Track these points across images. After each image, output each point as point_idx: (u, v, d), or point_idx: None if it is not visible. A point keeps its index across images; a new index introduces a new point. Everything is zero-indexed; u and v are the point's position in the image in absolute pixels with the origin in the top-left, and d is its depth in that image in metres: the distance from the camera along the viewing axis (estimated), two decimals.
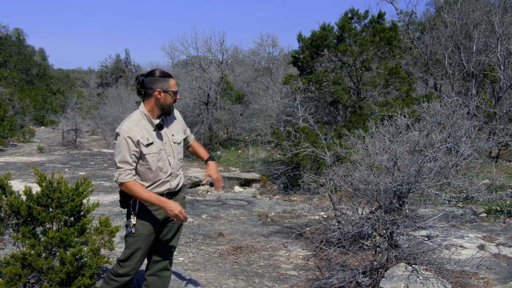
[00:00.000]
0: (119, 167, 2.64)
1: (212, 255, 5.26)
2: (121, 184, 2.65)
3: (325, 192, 5.50)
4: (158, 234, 2.84)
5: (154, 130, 2.71)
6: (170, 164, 2.76)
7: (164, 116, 2.77)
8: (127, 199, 2.75)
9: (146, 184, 2.71)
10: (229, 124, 17.37)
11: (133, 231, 2.71)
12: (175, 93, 2.73)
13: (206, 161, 3.05)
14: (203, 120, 16.54)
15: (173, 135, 2.81)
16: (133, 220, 2.71)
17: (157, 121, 2.72)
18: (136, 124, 2.67)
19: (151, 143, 2.67)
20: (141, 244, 2.73)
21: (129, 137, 2.61)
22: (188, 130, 3.09)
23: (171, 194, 2.82)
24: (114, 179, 2.71)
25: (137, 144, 2.63)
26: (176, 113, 2.93)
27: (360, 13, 10.78)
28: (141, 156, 2.66)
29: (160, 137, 2.73)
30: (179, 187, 2.87)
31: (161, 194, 2.75)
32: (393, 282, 3.54)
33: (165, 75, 2.72)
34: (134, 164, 2.65)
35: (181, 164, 2.88)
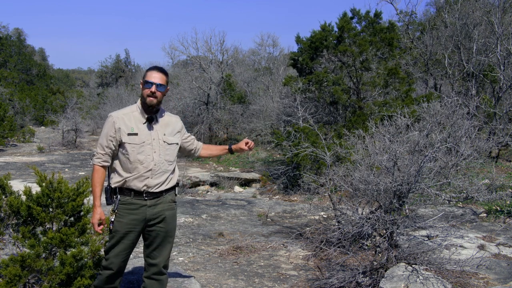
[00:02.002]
0: (97, 149, 2.78)
1: (212, 255, 5.26)
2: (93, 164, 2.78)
3: (325, 192, 5.50)
4: (138, 235, 2.82)
5: (144, 123, 2.75)
6: (153, 160, 2.73)
7: (155, 114, 2.79)
8: (111, 197, 2.78)
9: (126, 175, 2.72)
10: (229, 124, 17.36)
11: (111, 227, 2.74)
12: (149, 84, 2.70)
13: (230, 149, 3.17)
14: (203, 120, 16.54)
15: (164, 134, 2.80)
16: (112, 217, 2.74)
17: (147, 116, 2.77)
18: (127, 113, 2.75)
19: (135, 134, 2.70)
20: (116, 241, 2.73)
21: (113, 122, 2.70)
22: (191, 137, 3.09)
23: (150, 194, 2.76)
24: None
25: (117, 130, 2.68)
26: (176, 118, 2.96)
27: (359, 14, 10.78)
28: (121, 144, 2.71)
29: (148, 131, 2.74)
30: (160, 188, 2.79)
31: (140, 191, 2.72)
32: (393, 282, 3.54)
33: (151, 67, 2.78)
34: (107, 150, 2.72)
35: (168, 166, 2.82)
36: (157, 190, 2.77)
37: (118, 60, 42.10)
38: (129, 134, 2.69)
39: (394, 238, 3.88)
